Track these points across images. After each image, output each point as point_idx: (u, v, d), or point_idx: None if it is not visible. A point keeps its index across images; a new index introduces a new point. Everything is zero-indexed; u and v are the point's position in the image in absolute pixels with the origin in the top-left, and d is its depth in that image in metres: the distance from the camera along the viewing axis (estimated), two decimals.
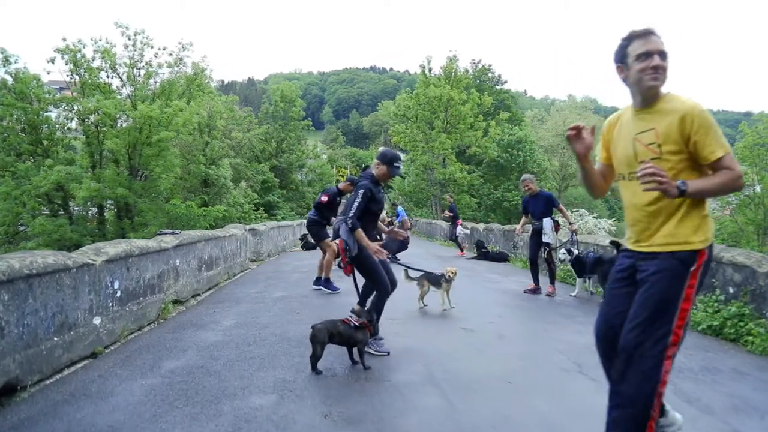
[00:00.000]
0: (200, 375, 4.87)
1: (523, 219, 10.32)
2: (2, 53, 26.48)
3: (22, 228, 27.43)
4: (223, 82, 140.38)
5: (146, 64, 30.79)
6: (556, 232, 9.80)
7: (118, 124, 29.07)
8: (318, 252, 10.40)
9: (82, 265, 5.48)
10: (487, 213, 44.92)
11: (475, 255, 16.93)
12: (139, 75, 30.80)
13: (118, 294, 6.28)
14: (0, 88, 26.64)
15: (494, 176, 47.34)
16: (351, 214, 5.40)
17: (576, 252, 9.68)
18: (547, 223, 9.63)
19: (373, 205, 5.61)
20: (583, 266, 9.47)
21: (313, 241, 10.66)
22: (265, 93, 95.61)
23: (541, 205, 9.74)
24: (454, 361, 5.34)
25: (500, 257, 16.30)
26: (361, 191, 5.52)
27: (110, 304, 6.08)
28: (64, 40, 28.11)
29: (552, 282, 9.81)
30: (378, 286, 5.59)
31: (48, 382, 4.74)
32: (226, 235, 11.71)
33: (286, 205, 45.27)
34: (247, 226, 14.51)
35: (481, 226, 22.25)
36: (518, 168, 45.90)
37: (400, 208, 25.02)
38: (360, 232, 5.44)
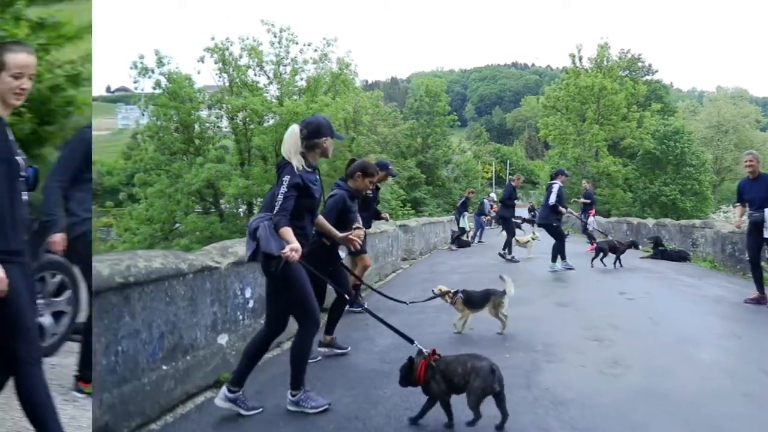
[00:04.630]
0: None
1: (739, 208, 8.13)
2: (156, 54, 27.37)
3: (176, 225, 28.12)
4: (366, 81, 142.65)
5: (292, 60, 30.73)
6: None
7: (266, 122, 29.14)
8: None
9: (201, 269, 4.23)
10: (643, 208, 42.63)
11: (651, 254, 14.70)
12: (285, 72, 30.74)
13: (251, 304, 5.05)
14: (154, 89, 27.53)
15: (649, 169, 44.63)
16: (277, 210, 3.57)
17: None
18: None
19: (306, 200, 3.78)
20: None
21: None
22: (408, 91, 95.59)
23: (762, 191, 7.50)
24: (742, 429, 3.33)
25: (679, 256, 14.13)
26: (287, 178, 3.67)
27: (240, 318, 4.88)
28: (213, 38, 28.67)
29: None
30: (305, 317, 3.76)
31: (153, 427, 3.49)
32: (376, 231, 10.38)
33: (433, 201, 43.84)
34: (398, 222, 13.34)
35: (651, 221, 19.73)
36: (675, 161, 43.45)
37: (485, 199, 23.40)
38: (288, 230, 3.56)
